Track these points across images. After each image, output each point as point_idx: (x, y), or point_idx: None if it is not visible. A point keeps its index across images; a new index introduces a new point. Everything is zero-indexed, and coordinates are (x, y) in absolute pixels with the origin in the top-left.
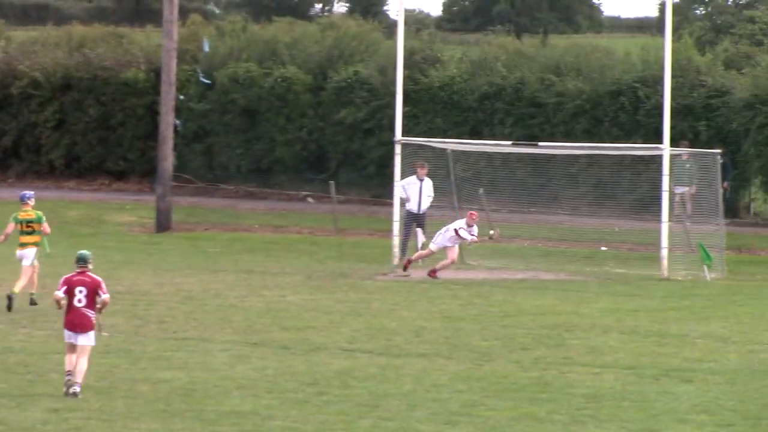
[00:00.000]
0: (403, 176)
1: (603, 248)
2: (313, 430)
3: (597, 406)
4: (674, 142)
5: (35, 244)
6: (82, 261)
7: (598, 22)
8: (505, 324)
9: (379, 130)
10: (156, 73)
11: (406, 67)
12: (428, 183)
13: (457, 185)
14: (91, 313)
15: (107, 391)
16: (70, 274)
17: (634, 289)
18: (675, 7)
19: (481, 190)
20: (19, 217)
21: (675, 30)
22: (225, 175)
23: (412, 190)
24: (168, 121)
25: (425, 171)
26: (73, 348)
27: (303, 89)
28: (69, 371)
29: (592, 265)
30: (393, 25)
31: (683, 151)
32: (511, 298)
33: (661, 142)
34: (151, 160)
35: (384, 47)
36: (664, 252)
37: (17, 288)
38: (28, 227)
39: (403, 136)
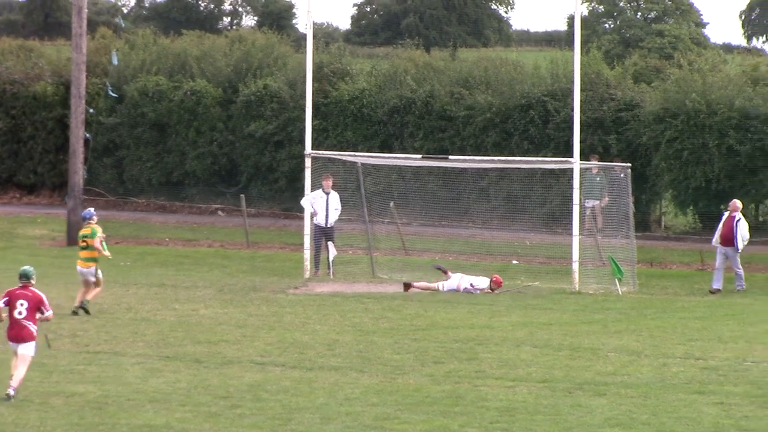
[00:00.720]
0: (313, 189)
1: (515, 262)
2: None
3: (510, 419)
4: (584, 156)
5: (93, 260)
6: (24, 277)
7: (506, 36)
8: (418, 337)
9: (289, 143)
10: (66, 86)
11: (315, 80)
12: (335, 196)
13: (368, 199)
14: (31, 325)
15: (21, 404)
16: (13, 288)
17: (546, 303)
18: (584, 20)
19: (391, 204)
20: (80, 233)
21: (584, 43)
22: (136, 188)
23: (319, 204)
24: (78, 135)
25: (331, 183)
26: (13, 356)
27: (213, 102)
28: (11, 379)
29: (503, 278)
30: (302, 38)
31: (593, 164)
32: (423, 312)
33: (571, 156)
34: (62, 174)
35: (293, 60)
36: (576, 265)
37: (90, 296)
38: (84, 242)
39: (313, 149)
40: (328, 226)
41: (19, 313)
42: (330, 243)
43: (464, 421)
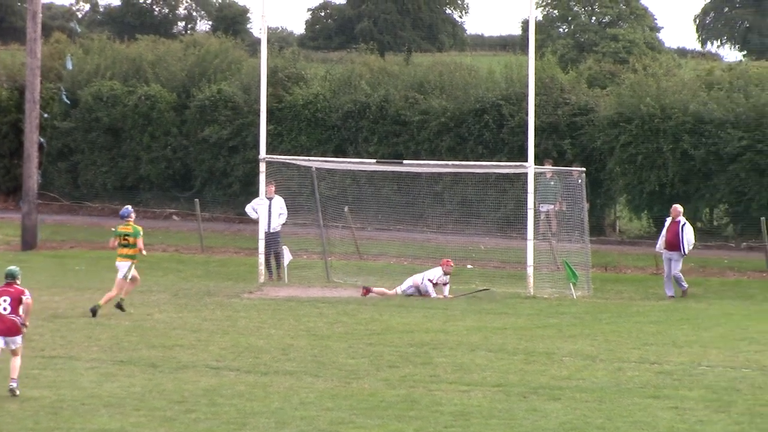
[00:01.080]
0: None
1: (469, 266)
2: None
3: (465, 423)
4: (539, 160)
5: (131, 257)
6: (10, 276)
7: (461, 40)
8: (372, 342)
9: (243, 148)
10: (20, 91)
11: (269, 84)
12: (278, 201)
13: (322, 203)
14: (17, 318)
15: None
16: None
17: (501, 307)
18: (538, 25)
19: (346, 209)
20: (119, 230)
21: (538, 48)
22: (90, 192)
23: (262, 210)
24: (32, 139)
25: (273, 189)
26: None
27: (167, 107)
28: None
29: (458, 282)
30: (256, 42)
31: (547, 169)
32: (377, 316)
33: (525, 160)
34: (16, 178)
35: (247, 65)
36: (530, 270)
37: (102, 300)
38: (125, 240)
39: (267, 154)
40: (273, 231)
41: (4, 309)
42: (285, 247)
43: (419, 425)
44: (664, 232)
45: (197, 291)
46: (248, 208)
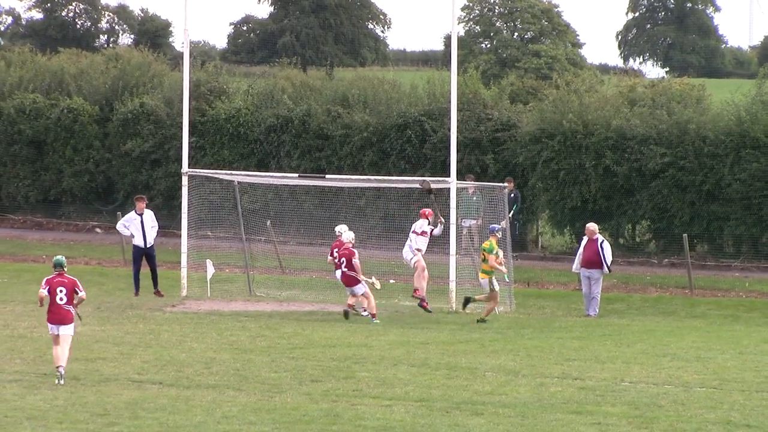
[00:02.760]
0: (190, 207)
1: (392, 281)
2: None
3: None
4: (461, 176)
5: (487, 272)
6: (59, 266)
7: (383, 55)
8: (295, 356)
9: (165, 161)
10: None
11: (192, 98)
12: (149, 215)
13: (245, 217)
14: (71, 309)
15: None
16: (51, 276)
17: (423, 322)
18: (460, 40)
19: (268, 223)
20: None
21: (461, 63)
22: (13, 205)
23: (135, 226)
24: None
25: (144, 205)
26: (57, 339)
27: (89, 120)
28: (57, 366)
29: (380, 297)
30: (178, 56)
31: (470, 184)
32: (300, 330)
33: (448, 176)
34: None
35: (170, 79)
36: (453, 285)
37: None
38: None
39: (190, 167)
40: (148, 246)
41: (60, 299)
42: (208, 261)
43: None
44: (581, 250)
45: (120, 304)
46: (119, 226)
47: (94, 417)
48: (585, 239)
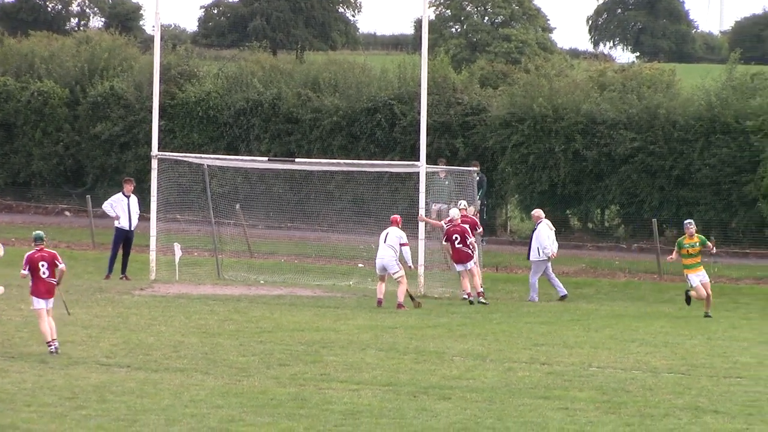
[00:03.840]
0: (159, 191)
1: (360, 265)
2: None
3: (355, 422)
4: (431, 160)
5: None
6: (39, 240)
7: (353, 39)
8: (263, 340)
9: (135, 144)
10: None
11: (162, 81)
12: (134, 199)
13: (214, 201)
14: (53, 281)
15: None
16: (31, 252)
17: (389, 306)
18: (431, 24)
19: (237, 206)
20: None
21: (431, 47)
22: None
23: (121, 207)
24: None
25: (132, 187)
26: (42, 313)
27: (59, 103)
28: (48, 342)
29: (349, 281)
30: (149, 39)
31: (440, 168)
32: (269, 314)
33: (417, 159)
34: None
35: (140, 62)
36: (422, 269)
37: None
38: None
39: (159, 150)
40: (132, 229)
41: (43, 273)
42: (176, 244)
43: (309, 423)
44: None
45: (88, 287)
46: (106, 205)
47: (62, 400)
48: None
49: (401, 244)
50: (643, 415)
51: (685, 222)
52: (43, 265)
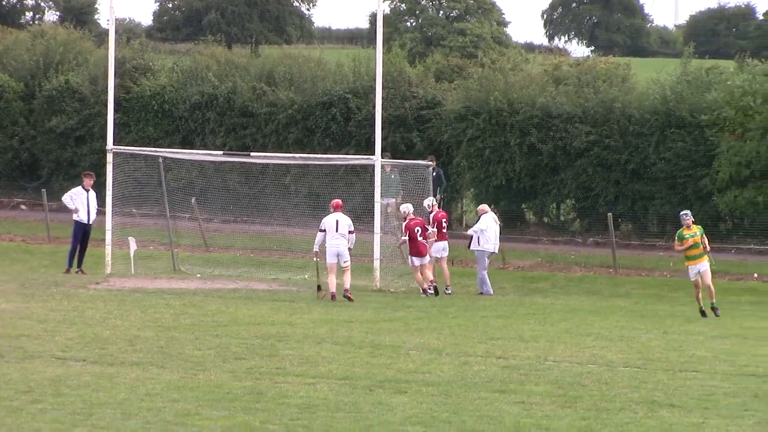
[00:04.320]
0: (115, 184)
1: (316, 259)
2: None
3: (311, 416)
4: (386, 154)
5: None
6: None
7: (308, 33)
8: (219, 333)
9: (90, 138)
10: None
11: (117, 75)
12: (94, 195)
13: (169, 194)
14: None
15: None
16: None
17: (347, 300)
18: (386, 18)
19: (193, 200)
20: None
21: (386, 41)
22: None
23: (80, 201)
24: None
25: (92, 182)
26: None
27: (14, 97)
28: None
29: (305, 275)
30: (104, 33)
31: (388, 162)
32: (224, 308)
33: (373, 153)
34: None
35: (95, 56)
36: (377, 263)
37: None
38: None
39: (114, 144)
40: (90, 222)
41: None
42: (131, 238)
43: (265, 417)
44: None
45: (44, 281)
46: (65, 198)
47: (18, 394)
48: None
49: (350, 232)
50: (599, 408)
51: (681, 213)
52: None
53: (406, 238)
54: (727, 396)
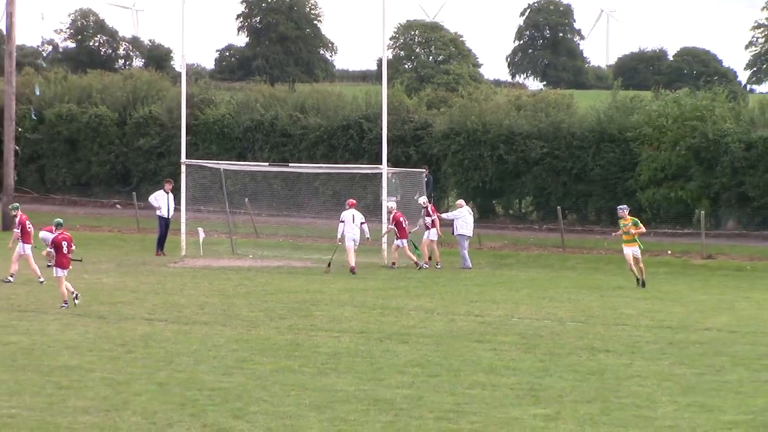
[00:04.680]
0: (187, 188)
1: (339, 243)
2: (124, 379)
3: (336, 361)
4: (390, 163)
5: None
6: (59, 225)
7: (331, 74)
8: (267, 299)
9: (168, 154)
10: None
11: (188, 107)
12: (172, 196)
13: (229, 196)
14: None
15: None
16: (56, 235)
17: (363, 274)
18: (389, 62)
19: (246, 200)
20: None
21: (389, 79)
22: (54, 187)
23: (163, 201)
24: (10, 148)
25: (171, 186)
26: (63, 280)
27: (111, 123)
28: (73, 294)
29: (330, 255)
30: (177, 75)
31: (390, 170)
32: (271, 280)
33: (380, 164)
34: None
35: (171, 92)
36: (384, 245)
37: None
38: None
39: (186, 158)
40: (170, 217)
41: (65, 251)
42: (200, 229)
43: (302, 362)
44: (455, 223)
45: (135, 261)
46: (151, 198)
47: (116, 347)
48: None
49: (362, 223)
50: (552, 354)
51: (618, 207)
52: (65, 244)
53: (393, 226)
54: (649, 343)
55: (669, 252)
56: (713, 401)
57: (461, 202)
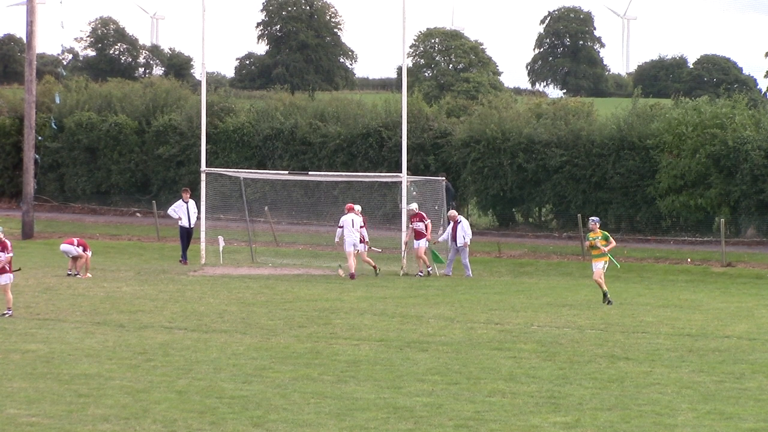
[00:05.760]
0: (207, 197)
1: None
2: (143, 387)
3: (356, 369)
4: (410, 172)
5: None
6: None
7: (351, 82)
8: (287, 308)
9: (188, 162)
10: (20, 119)
11: (207, 115)
12: (192, 204)
13: (248, 204)
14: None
15: None
16: None
17: (383, 281)
18: (409, 70)
19: (266, 208)
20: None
21: (409, 87)
22: (74, 196)
23: (181, 210)
24: (30, 156)
25: (188, 195)
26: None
27: (131, 132)
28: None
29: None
30: (197, 83)
31: (410, 178)
32: (290, 289)
33: (400, 172)
34: (17, 185)
35: (191, 100)
36: (404, 254)
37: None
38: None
39: (206, 167)
40: (190, 226)
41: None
42: (220, 237)
43: (322, 370)
44: (449, 230)
45: (154, 270)
46: (170, 211)
47: (136, 355)
48: (452, 223)
49: (360, 227)
50: (572, 361)
51: (590, 219)
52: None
53: (413, 226)
54: (669, 351)
55: (689, 260)
56: (733, 409)
57: (455, 212)
